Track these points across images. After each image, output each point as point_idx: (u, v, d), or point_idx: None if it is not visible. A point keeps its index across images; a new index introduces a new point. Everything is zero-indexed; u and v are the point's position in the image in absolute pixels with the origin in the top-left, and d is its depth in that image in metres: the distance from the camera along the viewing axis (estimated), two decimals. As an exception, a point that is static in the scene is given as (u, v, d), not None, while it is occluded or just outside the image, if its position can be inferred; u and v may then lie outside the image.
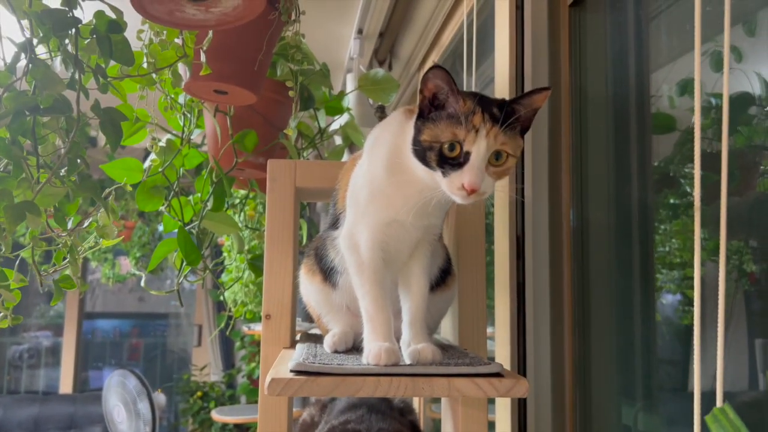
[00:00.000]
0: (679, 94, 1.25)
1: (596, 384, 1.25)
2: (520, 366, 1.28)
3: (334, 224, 0.82)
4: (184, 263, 1.15)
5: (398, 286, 0.79)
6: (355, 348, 0.83)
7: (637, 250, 1.28)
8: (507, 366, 1.27)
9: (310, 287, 0.89)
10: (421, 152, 0.68)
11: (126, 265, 3.95)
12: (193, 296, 5.06)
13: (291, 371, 0.67)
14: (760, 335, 0.96)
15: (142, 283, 1.18)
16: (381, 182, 0.72)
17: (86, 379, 5.33)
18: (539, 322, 1.26)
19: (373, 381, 0.66)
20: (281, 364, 0.76)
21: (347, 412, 1.06)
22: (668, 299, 1.22)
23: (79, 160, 0.68)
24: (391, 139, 0.73)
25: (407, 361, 0.71)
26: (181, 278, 1.24)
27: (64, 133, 0.68)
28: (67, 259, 0.75)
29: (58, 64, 0.68)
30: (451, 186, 0.66)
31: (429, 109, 0.68)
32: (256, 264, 1.36)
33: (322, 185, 0.96)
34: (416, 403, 1.70)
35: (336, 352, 0.81)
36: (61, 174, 0.67)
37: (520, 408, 1.25)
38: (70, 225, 0.74)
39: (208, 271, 1.24)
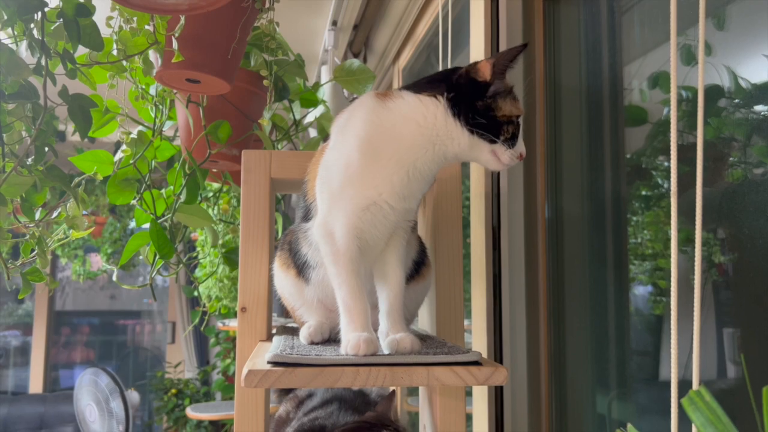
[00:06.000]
0: (651, 87, 1.27)
1: (571, 373, 1.26)
2: (497, 356, 1.29)
3: (306, 216, 0.81)
4: (157, 257, 1.13)
5: (374, 277, 0.79)
6: (332, 339, 0.83)
7: (611, 241, 1.29)
8: (484, 356, 1.27)
9: (284, 281, 0.88)
10: (493, 126, 0.72)
11: (97, 261, 3.88)
12: (166, 293, 4.99)
13: (268, 363, 0.66)
14: (729, 325, 0.98)
15: (114, 278, 1.15)
16: (357, 165, 0.72)
17: (57, 378, 5.22)
18: (515, 312, 1.27)
19: (352, 371, 0.65)
20: (258, 356, 0.75)
21: (319, 408, 1.05)
22: (641, 290, 1.24)
23: (47, 149, 0.66)
24: (366, 120, 0.73)
25: (386, 351, 0.71)
26: (154, 272, 1.21)
27: (30, 121, 0.65)
28: (36, 252, 0.73)
29: (23, 50, 0.66)
30: (512, 155, 0.73)
31: (491, 86, 0.73)
32: (230, 257, 1.34)
33: (298, 176, 0.95)
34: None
35: (313, 343, 0.80)
36: (27, 163, 0.65)
37: (497, 397, 1.26)
38: (37, 216, 0.72)
39: (181, 265, 1.22)
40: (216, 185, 1.57)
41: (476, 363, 0.69)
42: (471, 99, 0.72)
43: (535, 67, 1.33)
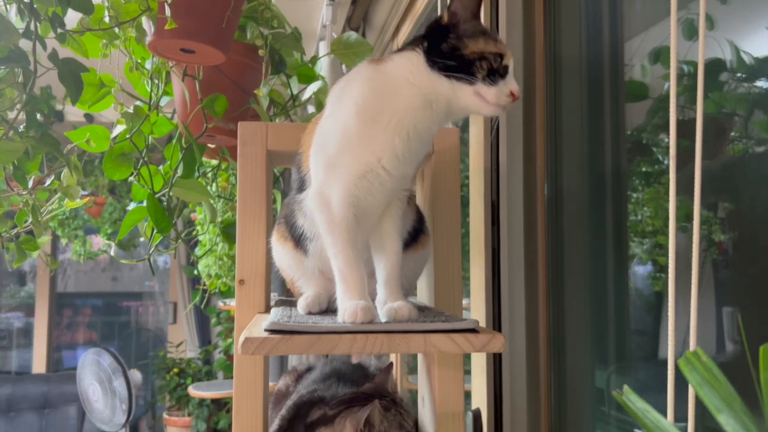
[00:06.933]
0: (652, 63, 1.26)
1: (570, 348, 1.27)
2: (495, 329, 1.29)
3: (301, 188, 0.81)
4: (155, 231, 1.12)
5: (371, 247, 0.79)
6: (330, 310, 0.83)
7: (611, 216, 1.29)
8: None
9: (282, 253, 0.88)
10: (461, 66, 0.70)
11: (98, 243, 3.88)
12: (167, 275, 5.00)
13: (266, 330, 0.66)
14: (728, 304, 0.98)
15: (112, 253, 1.15)
16: (355, 131, 0.71)
17: (60, 359, 5.26)
18: (514, 287, 1.27)
19: (349, 338, 0.65)
20: (255, 325, 0.75)
21: (318, 382, 1.06)
22: (640, 265, 1.24)
23: (38, 115, 0.65)
24: (362, 86, 0.73)
25: (383, 320, 0.71)
26: (152, 248, 1.21)
27: (21, 87, 0.65)
28: (30, 221, 0.72)
29: (13, 15, 0.65)
30: (499, 94, 0.70)
31: (456, 28, 0.72)
32: (228, 232, 1.34)
33: (294, 148, 0.94)
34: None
35: (311, 313, 0.80)
36: (20, 130, 0.64)
37: (496, 369, 1.27)
38: (31, 184, 0.71)
39: (180, 241, 1.22)
40: (214, 162, 1.57)
41: (473, 330, 0.68)
42: (438, 44, 0.71)
43: (536, 41, 1.32)
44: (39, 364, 4.73)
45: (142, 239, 1.28)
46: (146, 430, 4.31)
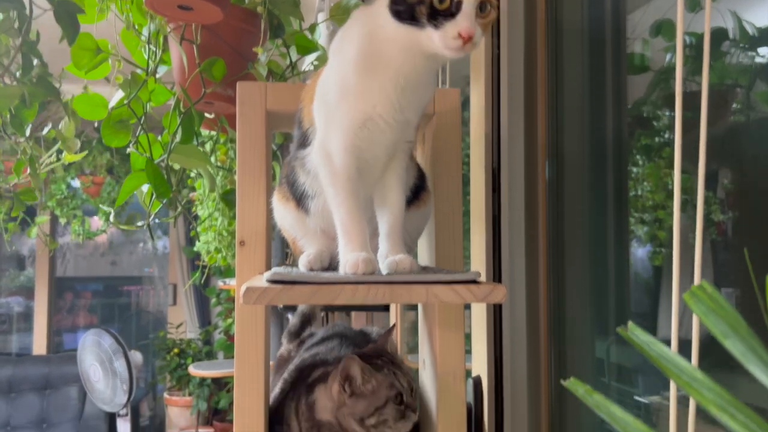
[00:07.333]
0: (654, 35, 1.25)
1: (570, 315, 1.27)
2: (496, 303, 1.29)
3: (302, 143, 0.80)
4: (154, 197, 1.12)
5: (374, 202, 0.78)
6: (332, 268, 0.82)
7: (611, 183, 1.29)
8: (483, 308, 1.27)
9: (284, 212, 0.88)
10: (407, 11, 0.67)
11: (97, 224, 3.87)
12: (166, 260, 5.00)
13: (267, 281, 0.66)
14: (727, 284, 0.98)
15: (111, 219, 1.14)
16: (352, 78, 0.71)
17: (60, 343, 5.27)
18: (514, 255, 1.27)
19: (351, 288, 0.65)
20: (256, 279, 0.74)
21: (320, 344, 1.06)
22: (639, 227, 1.24)
23: (35, 60, 0.64)
24: (357, 34, 0.72)
25: (385, 272, 0.71)
26: (152, 217, 1.21)
27: (16, 32, 0.64)
28: (28, 171, 0.72)
29: (7, -41, 0.64)
30: (445, 37, 0.66)
31: None
32: (228, 198, 1.33)
33: (294, 109, 0.93)
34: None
35: (312, 270, 0.80)
36: (16, 77, 0.63)
37: (496, 337, 1.27)
38: (28, 133, 0.71)
39: (180, 209, 1.22)
40: (212, 134, 1.56)
41: (475, 282, 0.68)
42: None
43: (537, 7, 1.31)
44: (39, 347, 4.75)
45: (140, 222, 1.28)
46: (147, 411, 4.33)
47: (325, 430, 0.86)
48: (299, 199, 0.84)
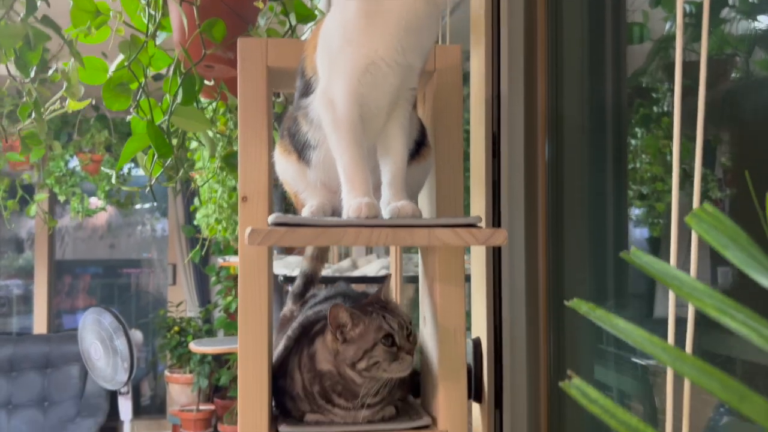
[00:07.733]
0: (654, 6, 1.25)
1: (569, 278, 1.28)
2: (495, 266, 1.30)
3: (306, 92, 0.81)
4: (156, 159, 1.12)
5: (377, 151, 0.79)
6: (334, 219, 0.83)
7: (611, 149, 1.29)
8: (483, 272, 1.28)
9: (286, 165, 0.88)
10: None
11: (96, 204, 3.88)
12: (165, 242, 5.02)
13: (271, 224, 0.67)
14: (723, 263, 0.98)
15: (113, 180, 1.15)
16: (354, 23, 0.71)
17: (60, 325, 5.29)
18: (514, 222, 1.28)
19: (354, 231, 0.66)
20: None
21: (323, 302, 1.07)
22: (638, 197, 1.25)
23: (39, 1, 0.64)
24: None
25: (387, 217, 0.72)
26: (153, 181, 1.21)
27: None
28: (33, 116, 0.72)
29: None
30: None
31: None
32: (230, 161, 1.33)
33: (295, 65, 0.93)
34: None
35: (314, 220, 0.81)
36: (21, 17, 0.63)
37: (496, 299, 1.28)
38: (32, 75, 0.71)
39: (182, 171, 1.22)
40: (212, 106, 1.56)
41: (476, 226, 0.69)
42: None
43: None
44: (40, 329, 4.77)
45: (138, 206, 1.28)
46: (148, 389, 4.36)
47: (326, 380, 0.87)
48: (301, 151, 0.84)
